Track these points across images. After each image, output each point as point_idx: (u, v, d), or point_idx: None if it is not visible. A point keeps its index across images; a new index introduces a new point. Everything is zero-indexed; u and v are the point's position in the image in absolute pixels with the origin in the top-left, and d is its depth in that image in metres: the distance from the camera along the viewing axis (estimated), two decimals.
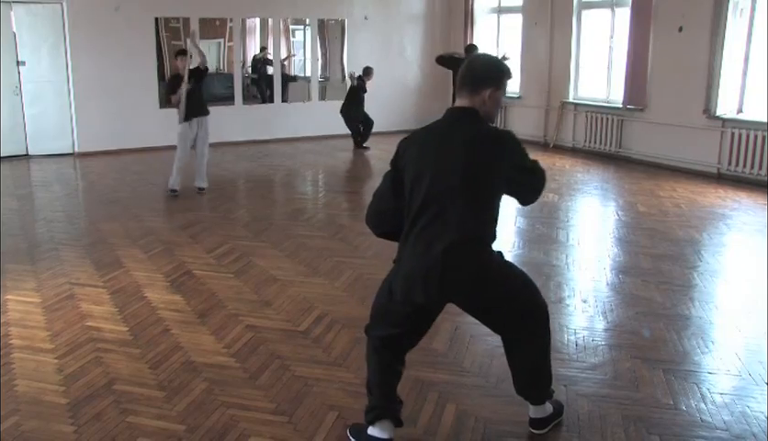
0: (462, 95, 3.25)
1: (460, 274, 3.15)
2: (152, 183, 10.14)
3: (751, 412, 3.87)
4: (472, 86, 3.21)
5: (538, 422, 3.62)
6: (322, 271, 6.21)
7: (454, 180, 3.10)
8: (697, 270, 6.30)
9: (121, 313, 5.24)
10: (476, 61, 3.35)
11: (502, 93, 3.27)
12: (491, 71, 3.25)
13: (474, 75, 3.23)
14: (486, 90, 3.19)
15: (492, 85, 3.20)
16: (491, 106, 3.24)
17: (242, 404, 3.92)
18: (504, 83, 3.27)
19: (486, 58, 3.42)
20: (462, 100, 3.25)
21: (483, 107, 3.21)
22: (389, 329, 3.41)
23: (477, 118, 3.21)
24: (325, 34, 14.59)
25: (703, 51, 10.35)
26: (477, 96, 3.20)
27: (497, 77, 3.23)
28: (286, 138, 13.76)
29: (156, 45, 12.53)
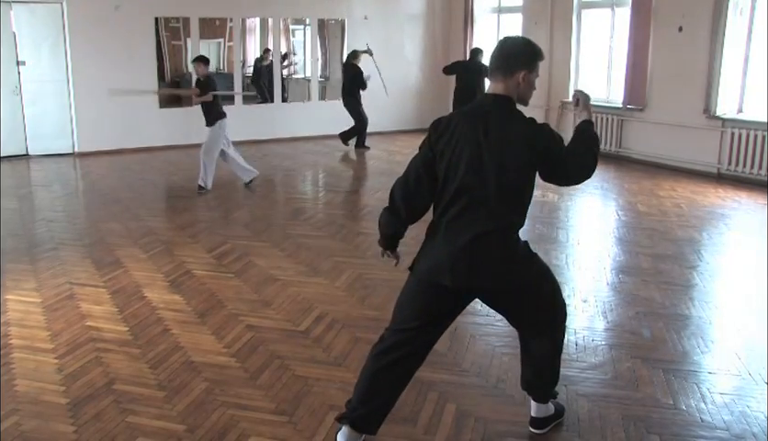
0: (496, 79, 3.20)
1: (488, 259, 3.14)
2: (152, 182, 10.13)
3: (751, 411, 3.88)
4: (506, 69, 3.17)
5: (539, 421, 3.62)
6: (322, 271, 6.21)
7: (490, 173, 3.09)
8: (697, 270, 6.30)
9: (121, 313, 5.24)
10: (507, 42, 3.28)
11: (536, 75, 3.24)
12: (523, 53, 3.20)
13: (507, 58, 3.19)
14: (519, 72, 3.16)
15: (525, 68, 3.17)
16: (525, 89, 3.22)
17: (242, 404, 3.92)
18: (537, 64, 3.22)
19: (517, 39, 3.33)
20: (496, 85, 3.21)
21: (517, 89, 3.19)
22: (406, 322, 3.32)
23: (513, 107, 3.19)
24: (325, 34, 14.59)
25: (703, 51, 10.35)
26: (510, 79, 3.17)
27: (530, 59, 3.19)
28: (286, 138, 13.76)
29: (156, 45, 12.53)
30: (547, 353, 3.52)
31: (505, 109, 3.18)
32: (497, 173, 3.09)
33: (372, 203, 9.09)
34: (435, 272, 3.20)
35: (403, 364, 3.36)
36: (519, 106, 3.25)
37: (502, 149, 3.10)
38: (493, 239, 3.14)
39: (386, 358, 3.34)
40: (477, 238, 3.12)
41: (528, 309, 3.41)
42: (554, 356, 3.55)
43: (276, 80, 13.90)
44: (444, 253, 3.17)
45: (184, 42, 13.05)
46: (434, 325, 3.35)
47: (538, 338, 3.50)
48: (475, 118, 3.17)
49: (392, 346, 3.33)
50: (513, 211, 3.21)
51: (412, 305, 3.32)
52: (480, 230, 3.12)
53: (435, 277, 3.20)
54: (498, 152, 3.09)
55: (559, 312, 3.50)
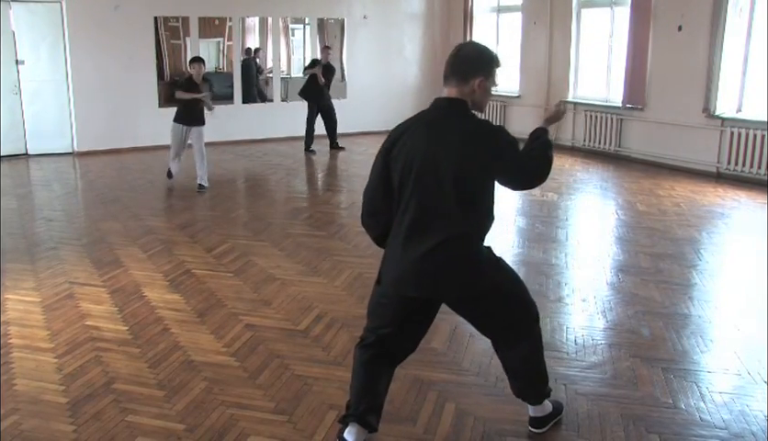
0: (450, 84, 3.16)
1: (451, 268, 3.11)
2: (151, 182, 10.13)
3: (750, 410, 3.88)
4: (462, 75, 3.12)
5: (538, 420, 3.62)
6: (322, 270, 6.21)
7: (445, 176, 3.03)
8: (696, 269, 6.30)
9: (121, 312, 5.24)
10: (464, 48, 3.25)
11: (492, 82, 3.19)
12: (480, 59, 3.16)
13: (463, 63, 3.14)
14: (475, 79, 3.11)
15: (481, 74, 3.12)
16: (481, 95, 3.16)
17: (241, 403, 3.92)
18: (494, 71, 3.18)
19: (475, 45, 3.29)
20: (450, 89, 3.16)
21: (472, 96, 3.14)
22: (380, 328, 3.34)
23: (467, 110, 3.14)
24: (324, 33, 14.58)
25: (702, 51, 10.36)
26: (465, 85, 3.12)
27: (486, 66, 3.15)
28: (285, 137, 13.75)
29: (156, 44, 12.53)
30: (528, 356, 3.47)
31: (459, 113, 3.13)
32: (452, 178, 3.04)
33: None
34: (401, 285, 3.18)
35: (386, 357, 3.41)
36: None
37: (455, 153, 3.04)
38: (453, 246, 3.09)
39: (368, 352, 3.39)
40: (437, 246, 3.07)
41: (498, 314, 3.34)
42: (536, 358, 3.51)
43: (275, 79, 13.89)
44: (406, 264, 3.14)
45: (183, 41, 13.05)
46: (409, 328, 3.36)
47: (515, 346, 3.43)
48: (429, 123, 3.15)
49: (372, 344, 3.38)
50: (472, 217, 3.12)
51: (383, 314, 3.33)
52: (439, 238, 3.07)
53: (402, 290, 3.20)
54: (452, 156, 3.04)
55: (530, 314, 3.42)
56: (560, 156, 12.10)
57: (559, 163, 11.45)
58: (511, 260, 6.47)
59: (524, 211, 8.40)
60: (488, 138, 3.10)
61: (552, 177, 10.28)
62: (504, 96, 14.26)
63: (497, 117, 14.29)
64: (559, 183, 9.94)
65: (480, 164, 3.06)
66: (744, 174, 10.00)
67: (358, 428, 3.36)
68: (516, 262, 6.41)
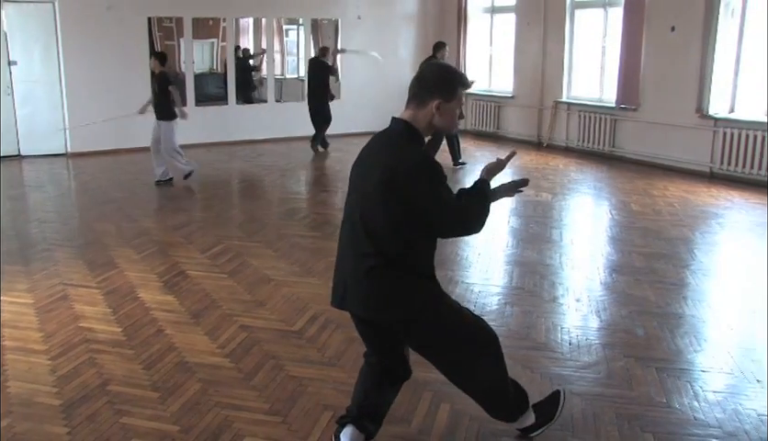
0: (408, 106, 3.02)
1: (358, 288, 3.08)
2: (145, 183, 10.11)
3: (743, 409, 3.89)
4: (419, 98, 2.99)
5: (523, 431, 3.57)
6: (316, 271, 6.21)
7: (365, 202, 3.00)
8: (690, 269, 6.32)
9: (115, 314, 5.23)
10: (425, 69, 3.10)
11: (456, 105, 3.02)
12: (438, 80, 2.99)
13: (420, 85, 3.01)
14: (432, 101, 2.96)
15: (439, 96, 2.95)
16: (442, 119, 2.99)
17: (236, 404, 3.92)
18: (455, 93, 2.99)
19: (437, 66, 3.14)
20: (405, 112, 3.03)
21: (432, 119, 2.99)
22: (369, 354, 3.42)
23: (409, 138, 2.99)
24: (319, 34, 14.57)
25: (695, 51, 10.38)
26: (423, 108, 2.98)
27: (446, 87, 2.97)
28: (279, 137, 13.75)
29: (149, 45, 12.50)
30: (487, 388, 3.35)
31: (398, 144, 3.00)
32: (361, 202, 3.02)
33: None
34: (333, 294, 3.24)
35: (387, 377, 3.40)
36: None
37: (370, 178, 2.96)
38: (366, 272, 3.02)
39: (370, 367, 3.42)
40: (354, 267, 3.06)
41: (433, 350, 3.23)
42: (498, 387, 3.35)
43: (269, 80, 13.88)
44: (335, 277, 3.21)
45: (177, 42, 13.03)
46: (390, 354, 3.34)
47: (469, 382, 3.32)
48: (374, 142, 3.12)
49: (373, 364, 3.40)
50: (387, 245, 2.98)
51: (364, 339, 3.39)
52: (356, 259, 3.05)
53: (333, 300, 3.24)
54: (368, 181, 2.98)
55: (475, 350, 3.24)
56: (554, 157, 12.13)
57: (554, 164, 11.48)
58: (505, 260, 6.50)
59: (518, 212, 8.40)
60: (406, 177, 2.89)
61: (546, 178, 10.33)
62: (498, 97, 14.27)
63: (491, 117, 14.31)
64: (553, 183, 9.95)
65: (397, 199, 2.92)
66: (737, 174, 10.03)
67: (354, 431, 3.36)
68: (510, 262, 6.42)
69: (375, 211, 2.97)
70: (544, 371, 4.33)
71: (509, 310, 5.34)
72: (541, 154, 12.46)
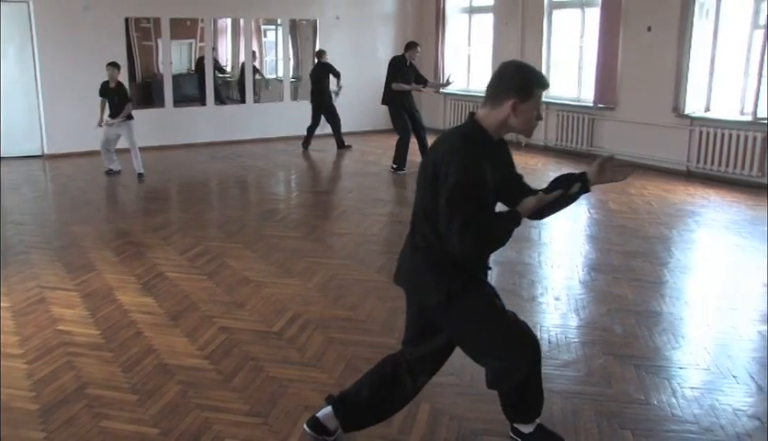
0: (484, 104, 2.99)
1: (404, 265, 3.23)
2: (123, 184, 10.04)
3: (719, 404, 3.94)
4: (494, 97, 2.94)
5: (515, 430, 3.55)
6: (296, 272, 6.20)
7: (417, 187, 3.11)
8: (668, 267, 6.38)
9: (93, 317, 5.18)
10: (503, 67, 3.00)
11: (533, 106, 2.94)
12: (514, 78, 2.92)
13: (497, 84, 2.95)
14: (507, 101, 2.90)
15: (515, 96, 2.89)
16: (518, 121, 2.94)
17: (216, 406, 3.90)
18: (532, 93, 2.92)
19: (514, 64, 3.01)
20: (481, 110, 3.00)
21: (507, 120, 2.94)
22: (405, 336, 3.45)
23: (466, 133, 2.97)
24: (297, 34, 14.55)
25: (671, 51, 10.48)
26: (498, 107, 2.93)
27: (522, 86, 2.90)
28: (258, 138, 13.71)
29: (126, 46, 12.40)
30: (506, 391, 3.39)
31: (457, 130, 3.05)
32: (419, 196, 3.10)
33: (346, 203, 9.08)
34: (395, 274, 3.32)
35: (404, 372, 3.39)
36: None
37: (423, 166, 3.06)
38: (412, 251, 3.16)
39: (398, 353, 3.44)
40: (406, 245, 3.22)
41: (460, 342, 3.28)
42: (517, 393, 3.35)
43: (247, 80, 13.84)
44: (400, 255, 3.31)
45: (155, 43, 12.95)
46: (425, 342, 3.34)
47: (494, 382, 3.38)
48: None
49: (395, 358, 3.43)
50: (429, 231, 3.03)
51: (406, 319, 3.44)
52: (410, 238, 3.19)
53: (395, 278, 3.33)
54: (421, 169, 3.08)
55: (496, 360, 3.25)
56: (533, 156, 12.19)
57: (532, 163, 11.54)
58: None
59: None
60: (440, 162, 2.90)
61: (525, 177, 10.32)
62: (477, 97, 14.30)
63: None
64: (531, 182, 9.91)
65: (434, 186, 2.94)
66: (713, 172, 10.14)
67: (330, 412, 3.39)
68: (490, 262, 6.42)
69: (421, 197, 3.07)
70: None
71: None
72: (520, 154, 12.49)
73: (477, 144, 2.93)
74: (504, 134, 3.08)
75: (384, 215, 8.38)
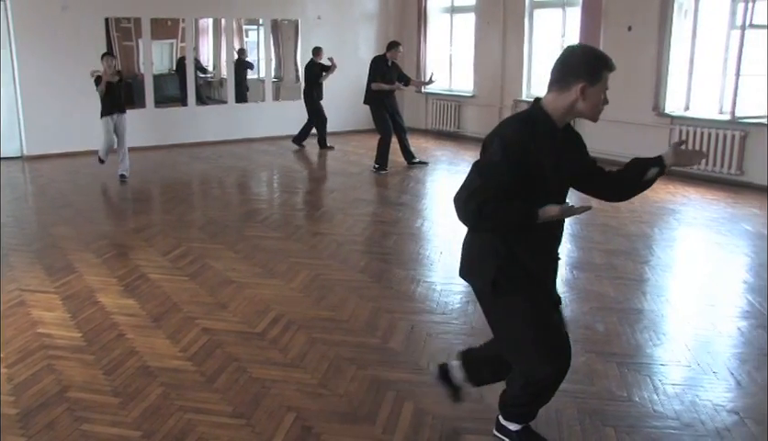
0: (551, 89, 2.94)
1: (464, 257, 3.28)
2: (104, 185, 9.98)
3: (699, 400, 3.97)
4: (561, 81, 2.90)
5: (498, 424, 3.55)
6: (278, 272, 6.18)
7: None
8: (649, 264, 6.42)
9: (74, 319, 5.14)
10: (568, 50, 2.97)
11: (600, 89, 2.88)
12: (582, 61, 2.88)
13: (564, 68, 2.90)
14: (577, 84, 2.85)
15: (584, 79, 2.84)
16: (586, 104, 2.89)
17: (199, 408, 3.88)
18: (601, 76, 2.86)
19: (581, 48, 3.02)
20: (547, 95, 2.96)
21: (575, 105, 2.89)
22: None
23: (529, 114, 2.96)
24: (279, 34, 14.51)
25: (651, 51, 10.56)
26: (566, 91, 2.88)
27: (591, 69, 2.85)
28: (240, 139, 13.67)
29: (107, 46, 12.29)
30: (510, 379, 3.40)
31: (521, 113, 3.04)
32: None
33: (328, 203, 9.07)
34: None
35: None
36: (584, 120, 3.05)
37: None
38: (466, 235, 3.23)
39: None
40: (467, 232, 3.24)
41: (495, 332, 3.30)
42: (528, 395, 3.33)
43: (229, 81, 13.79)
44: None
45: (136, 43, 12.86)
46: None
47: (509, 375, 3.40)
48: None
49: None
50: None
51: None
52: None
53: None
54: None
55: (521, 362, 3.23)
56: None
57: None
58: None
59: None
60: (493, 136, 2.94)
61: None
62: (458, 96, 14.36)
63: (451, 117, 14.38)
64: None
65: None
66: (693, 170, 10.21)
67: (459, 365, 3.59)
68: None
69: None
70: None
71: (471, 308, 5.37)
72: None
73: (536, 128, 2.92)
74: (571, 119, 3.03)
75: (366, 215, 8.38)
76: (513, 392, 3.39)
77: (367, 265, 6.35)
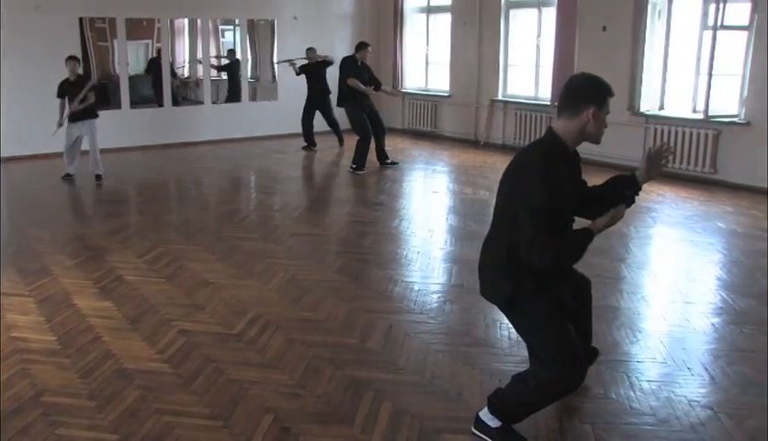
0: (562, 116, 3.19)
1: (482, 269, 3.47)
2: (79, 187, 9.88)
3: (675, 396, 4.02)
4: (573, 107, 3.15)
5: (477, 419, 3.58)
6: (255, 273, 6.16)
7: (497, 199, 3.32)
8: (625, 263, 6.48)
9: (49, 322, 5.09)
10: (574, 80, 3.25)
11: (605, 113, 3.18)
12: (590, 89, 3.16)
13: (573, 95, 3.17)
14: (588, 109, 3.12)
15: (594, 104, 3.12)
16: (594, 126, 3.16)
17: (176, 410, 3.86)
18: (606, 101, 3.16)
19: (585, 76, 3.28)
20: (557, 122, 3.21)
21: (586, 127, 3.15)
22: None
23: (546, 145, 3.19)
24: (255, 34, 14.46)
25: (626, 51, 10.65)
26: (577, 117, 3.14)
27: (598, 95, 3.14)
28: (217, 140, 13.59)
29: (81, 46, 12.17)
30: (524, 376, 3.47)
31: (535, 145, 3.25)
32: (497, 204, 3.33)
33: (305, 204, 9.05)
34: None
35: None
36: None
37: (504, 182, 3.27)
38: (488, 255, 3.39)
39: None
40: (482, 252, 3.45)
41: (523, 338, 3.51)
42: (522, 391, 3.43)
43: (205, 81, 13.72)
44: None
45: (110, 43, 12.74)
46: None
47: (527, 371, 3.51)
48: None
49: None
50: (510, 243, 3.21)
51: None
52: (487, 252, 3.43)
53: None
54: (503, 185, 3.28)
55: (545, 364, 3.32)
56: (492, 155, 12.30)
57: (491, 162, 11.63)
58: (443, 258, 6.55)
59: (456, 209, 8.49)
60: (521, 174, 3.15)
61: (484, 176, 10.44)
62: (435, 96, 14.39)
63: (428, 116, 14.42)
64: (490, 181, 10.07)
65: (509, 197, 3.21)
66: (668, 169, 10.25)
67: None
68: (449, 260, 6.48)
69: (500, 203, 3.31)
70: (484, 367, 4.38)
71: (448, 307, 5.39)
72: (478, 152, 12.61)
73: (558, 158, 3.16)
74: (579, 144, 3.27)
75: (344, 215, 8.37)
76: (519, 389, 3.45)
77: (345, 266, 6.35)
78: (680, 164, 10.19)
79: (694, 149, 10.04)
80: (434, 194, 9.65)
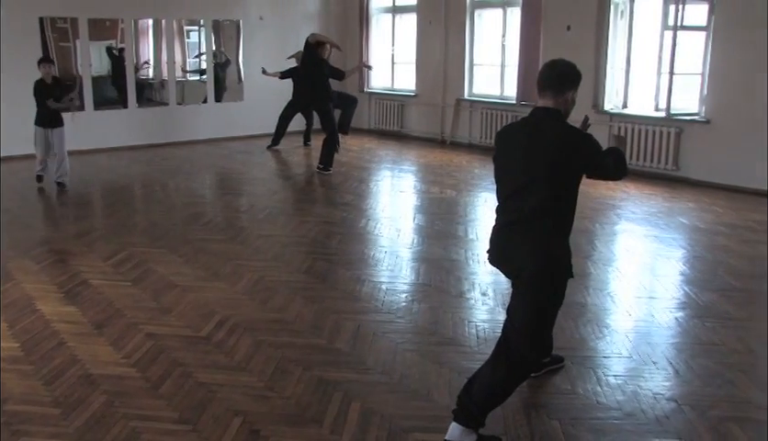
0: (546, 95, 3.55)
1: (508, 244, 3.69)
2: (43, 190, 9.72)
3: (640, 390, 4.09)
4: (558, 88, 3.53)
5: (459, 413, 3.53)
6: (222, 275, 6.12)
7: (539, 172, 3.43)
8: (591, 259, 6.55)
9: (11, 329, 5.00)
10: (558, 65, 3.62)
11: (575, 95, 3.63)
12: (572, 74, 3.58)
13: (559, 78, 3.56)
14: (570, 92, 3.55)
15: (573, 88, 3.57)
16: (570, 106, 3.61)
17: (144, 415, 3.82)
18: (578, 85, 3.61)
19: (567, 63, 3.65)
20: (546, 101, 3.55)
21: (565, 106, 3.57)
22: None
23: (561, 118, 3.54)
24: (221, 35, 14.36)
25: (590, 50, 10.77)
26: (561, 97, 3.54)
27: (577, 80, 3.59)
28: (182, 141, 13.48)
29: (42, 46, 11.97)
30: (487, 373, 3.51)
31: (555, 121, 3.53)
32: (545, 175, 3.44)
33: (271, 205, 9.01)
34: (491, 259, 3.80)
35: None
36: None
37: (553, 155, 3.44)
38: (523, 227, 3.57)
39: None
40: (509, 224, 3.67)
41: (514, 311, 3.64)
42: (490, 383, 3.47)
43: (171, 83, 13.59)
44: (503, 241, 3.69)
45: (73, 44, 12.56)
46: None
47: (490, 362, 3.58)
48: (529, 128, 3.59)
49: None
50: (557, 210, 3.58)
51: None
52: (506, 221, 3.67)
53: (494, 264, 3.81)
54: (549, 158, 3.44)
55: (508, 344, 3.53)
56: (458, 154, 12.35)
57: (457, 161, 11.68)
58: (411, 257, 6.57)
59: (423, 209, 8.52)
60: (578, 144, 3.48)
61: (450, 175, 10.47)
62: (401, 96, 14.42)
63: (394, 116, 14.45)
64: (457, 180, 10.12)
65: (567, 163, 3.45)
66: (632, 166, 10.43)
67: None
68: (417, 259, 6.50)
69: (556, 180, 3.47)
70: (453, 365, 4.40)
71: (416, 306, 5.41)
72: (445, 152, 12.66)
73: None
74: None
75: (310, 215, 8.35)
76: (494, 380, 3.48)
77: (312, 266, 6.33)
78: (644, 162, 10.33)
79: (657, 146, 10.20)
80: (401, 193, 9.68)
